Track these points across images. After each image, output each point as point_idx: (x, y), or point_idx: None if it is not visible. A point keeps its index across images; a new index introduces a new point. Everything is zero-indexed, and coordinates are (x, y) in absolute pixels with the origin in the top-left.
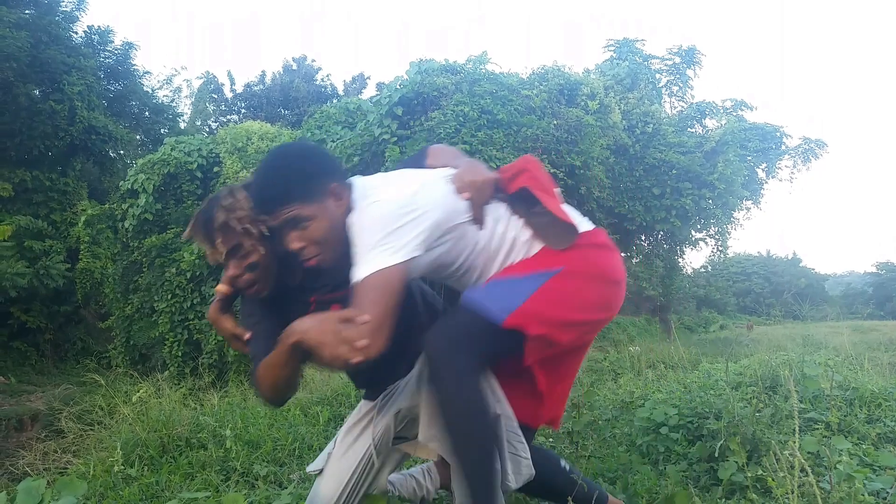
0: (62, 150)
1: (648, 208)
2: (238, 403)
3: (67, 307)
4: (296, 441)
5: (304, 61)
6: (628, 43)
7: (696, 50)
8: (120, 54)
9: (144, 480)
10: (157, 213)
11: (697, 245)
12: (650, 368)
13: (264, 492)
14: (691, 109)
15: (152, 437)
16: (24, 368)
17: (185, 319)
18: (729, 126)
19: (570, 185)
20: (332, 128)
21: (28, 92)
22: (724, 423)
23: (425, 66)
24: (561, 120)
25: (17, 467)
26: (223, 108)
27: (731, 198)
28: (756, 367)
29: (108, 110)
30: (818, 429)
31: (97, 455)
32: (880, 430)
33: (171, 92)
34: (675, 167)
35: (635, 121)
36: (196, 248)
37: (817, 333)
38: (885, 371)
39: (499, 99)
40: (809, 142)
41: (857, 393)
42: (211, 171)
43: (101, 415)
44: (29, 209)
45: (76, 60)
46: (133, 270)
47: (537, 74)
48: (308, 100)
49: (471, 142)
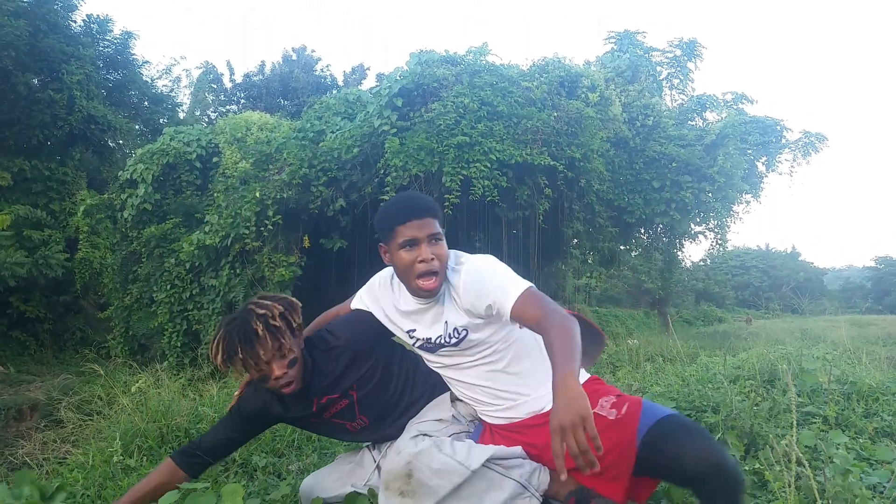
0: (61, 140)
1: (648, 201)
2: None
3: (66, 297)
4: (294, 432)
5: (303, 52)
6: (629, 35)
7: (697, 43)
8: (119, 43)
9: (143, 471)
10: (157, 203)
11: (696, 238)
12: (648, 361)
13: (263, 482)
14: (692, 102)
15: (151, 428)
16: (23, 358)
17: (184, 310)
18: (729, 119)
19: (570, 177)
20: (331, 119)
21: (27, 81)
22: (721, 416)
23: (425, 57)
24: (561, 112)
25: (17, 457)
26: (222, 99)
27: (730, 191)
28: (754, 361)
29: (107, 100)
30: (816, 423)
31: (96, 445)
32: (877, 425)
33: (170, 82)
34: (675, 160)
35: (636, 113)
36: (195, 239)
37: (815, 327)
38: (882, 365)
39: (499, 90)
40: (810, 135)
41: (854, 387)
42: (210, 161)
43: (100, 405)
44: (28, 199)
45: (75, 49)
46: (132, 260)
47: (538, 66)
48: (308, 90)
49: (470, 133)
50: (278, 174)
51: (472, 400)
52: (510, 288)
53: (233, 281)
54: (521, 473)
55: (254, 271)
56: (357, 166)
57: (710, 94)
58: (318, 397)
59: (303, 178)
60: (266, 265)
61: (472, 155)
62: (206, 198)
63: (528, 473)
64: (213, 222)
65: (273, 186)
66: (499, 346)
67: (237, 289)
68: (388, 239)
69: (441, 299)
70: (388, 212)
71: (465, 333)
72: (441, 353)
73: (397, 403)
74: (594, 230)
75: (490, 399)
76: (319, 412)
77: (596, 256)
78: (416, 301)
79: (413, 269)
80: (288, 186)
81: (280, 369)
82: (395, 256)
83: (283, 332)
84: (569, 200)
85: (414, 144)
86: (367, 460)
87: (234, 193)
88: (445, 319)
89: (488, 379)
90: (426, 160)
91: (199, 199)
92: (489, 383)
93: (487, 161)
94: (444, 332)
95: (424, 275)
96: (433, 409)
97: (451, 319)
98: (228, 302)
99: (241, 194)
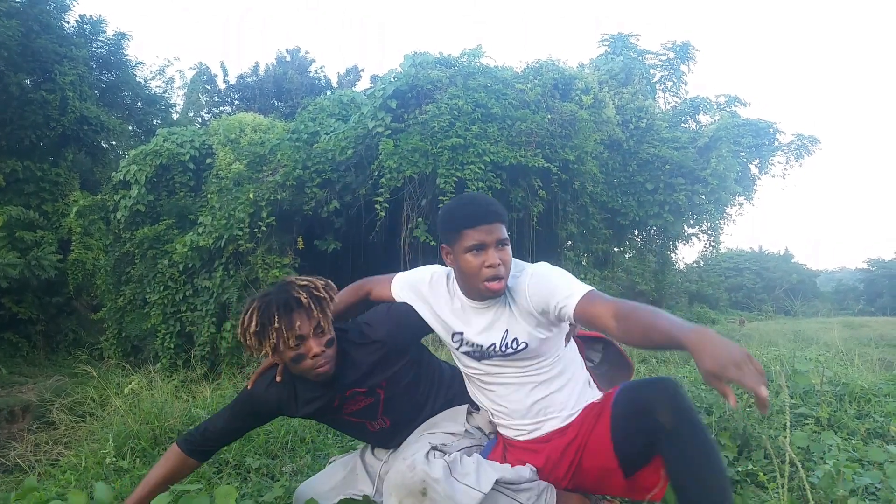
0: (54, 141)
1: (641, 203)
2: (230, 396)
3: (59, 298)
4: (288, 434)
5: (297, 53)
6: (622, 38)
7: (691, 45)
8: (112, 44)
9: (136, 472)
10: (150, 204)
11: (690, 240)
12: (642, 363)
13: (256, 484)
14: (685, 105)
15: (144, 429)
16: (15, 360)
17: (177, 311)
18: (722, 122)
19: (564, 179)
20: (325, 120)
21: (19, 81)
22: (715, 417)
23: (419, 59)
24: (555, 114)
25: (9, 459)
26: (216, 100)
27: (723, 193)
28: None
29: (101, 101)
30: (808, 424)
31: (89, 447)
32: (869, 426)
33: (163, 82)
34: (669, 162)
35: (629, 116)
36: (188, 240)
37: (808, 329)
38: (874, 367)
39: (493, 92)
40: (802, 138)
41: (847, 388)
42: (203, 162)
43: (92, 406)
44: (20, 199)
45: (68, 50)
46: (125, 262)
47: (531, 68)
48: (302, 92)
49: (465, 135)
50: (272, 175)
51: (499, 411)
52: (575, 288)
53: (226, 282)
54: (528, 497)
55: (247, 273)
56: (351, 168)
57: (703, 96)
58: (344, 391)
59: (297, 180)
60: (260, 267)
61: (466, 157)
62: (200, 199)
63: (535, 497)
64: (207, 224)
65: (267, 188)
66: (547, 361)
67: (231, 290)
68: (452, 241)
69: (501, 305)
70: (456, 214)
71: (524, 346)
72: (488, 361)
73: (422, 408)
74: (588, 232)
75: (520, 412)
76: (339, 407)
77: (590, 258)
78: (471, 303)
79: (480, 273)
80: (282, 188)
81: (318, 346)
82: (460, 259)
83: (327, 304)
84: (563, 202)
85: (408, 146)
86: (360, 469)
87: (227, 195)
88: (506, 328)
89: (527, 392)
90: (420, 162)
91: (193, 200)
92: (526, 397)
93: (481, 163)
94: (499, 340)
95: (492, 279)
96: (447, 420)
97: (512, 329)
98: (222, 303)
99: (235, 196)
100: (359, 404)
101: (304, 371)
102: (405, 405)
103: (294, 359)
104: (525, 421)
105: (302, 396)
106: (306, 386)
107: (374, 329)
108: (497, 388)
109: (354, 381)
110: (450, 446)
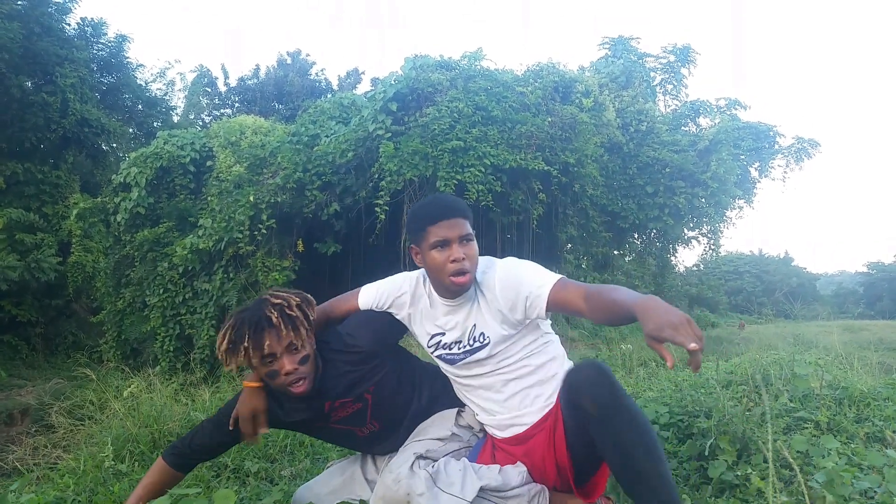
0: (54, 143)
1: (641, 206)
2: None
3: (59, 301)
4: (287, 437)
5: (298, 55)
6: (623, 41)
7: (691, 48)
8: (113, 47)
9: (135, 476)
10: (150, 206)
11: (690, 243)
12: (641, 367)
13: (255, 488)
14: (685, 108)
15: (143, 433)
16: (14, 362)
17: (176, 314)
18: (722, 125)
19: (564, 182)
20: (326, 123)
21: (20, 83)
22: (714, 421)
23: (420, 61)
24: (555, 117)
25: (7, 462)
26: (217, 102)
27: (723, 196)
28: (747, 366)
29: (101, 103)
30: (808, 428)
31: (88, 450)
32: (869, 430)
33: (164, 85)
34: (669, 165)
35: (629, 119)
36: (188, 243)
37: (808, 332)
38: (874, 370)
39: (493, 95)
40: (802, 141)
41: (846, 392)
42: (204, 164)
43: (91, 409)
44: (20, 202)
45: (69, 52)
46: (125, 264)
47: (532, 71)
48: (302, 94)
49: (465, 138)
50: (272, 178)
51: (481, 410)
52: (546, 278)
53: (226, 285)
54: (517, 503)
55: (247, 276)
56: (351, 170)
57: (703, 99)
58: (331, 401)
59: (297, 183)
60: (260, 269)
61: (466, 160)
62: (200, 202)
63: (525, 502)
64: (207, 226)
65: (267, 190)
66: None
67: (230, 293)
68: (419, 240)
69: (470, 303)
70: (419, 213)
71: (487, 342)
72: (461, 363)
73: (409, 405)
74: (588, 235)
75: (496, 409)
76: (328, 415)
77: (590, 261)
78: (443, 301)
79: (445, 268)
80: (282, 190)
81: (290, 364)
82: (426, 256)
83: (300, 323)
84: (563, 205)
85: (408, 149)
86: (358, 476)
87: (227, 197)
88: (474, 323)
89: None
90: (421, 165)
91: (193, 202)
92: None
93: (482, 166)
94: (467, 334)
95: (456, 273)
96: (434, 426)
97: (479, 323)
98: (221, 306)
99: (235, 198)
100: (347, 411)
101: (280, 387)
102: (393, 406)
103: (268, 374)
104: (502, 416)
105: (287, 406)
106: (290, 397)
107: (356, 337)
108: (475, 389)
109: (341, 391)
110: (436, 452)
